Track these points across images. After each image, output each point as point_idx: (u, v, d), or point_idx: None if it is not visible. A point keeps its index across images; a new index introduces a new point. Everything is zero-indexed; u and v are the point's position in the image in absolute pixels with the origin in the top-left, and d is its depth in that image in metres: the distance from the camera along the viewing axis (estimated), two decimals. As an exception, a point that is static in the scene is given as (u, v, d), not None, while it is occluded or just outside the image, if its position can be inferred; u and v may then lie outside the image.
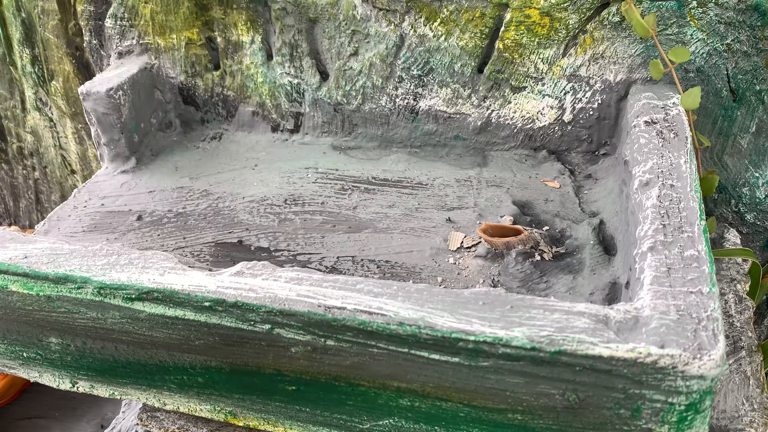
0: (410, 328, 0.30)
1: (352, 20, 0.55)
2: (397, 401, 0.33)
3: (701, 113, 0.50)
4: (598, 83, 0.51)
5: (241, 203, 0.52)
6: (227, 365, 0.36)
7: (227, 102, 0.63)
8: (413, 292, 0.31)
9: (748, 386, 0.42)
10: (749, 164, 0.51)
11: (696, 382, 0.26)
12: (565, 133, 0.54)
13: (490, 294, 0.31)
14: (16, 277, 0.37)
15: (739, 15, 0.45)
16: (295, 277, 0.33)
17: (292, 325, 0.32)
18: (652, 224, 0.34)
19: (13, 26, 0.67)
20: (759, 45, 0.46)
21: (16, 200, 0.94)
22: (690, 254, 0.31)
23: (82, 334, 0.38)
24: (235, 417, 0.38)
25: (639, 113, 0.45)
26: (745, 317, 0.45)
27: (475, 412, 0.31)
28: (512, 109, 0.54)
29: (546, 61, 0.51)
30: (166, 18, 0.60)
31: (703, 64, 0.48)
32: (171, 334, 0.35)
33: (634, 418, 0.28)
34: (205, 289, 0.33)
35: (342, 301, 0.31)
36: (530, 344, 0.28)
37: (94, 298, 0.36)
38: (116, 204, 0.54)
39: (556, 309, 0.29)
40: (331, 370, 0.33)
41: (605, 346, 0.27)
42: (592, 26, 0.49)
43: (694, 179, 0.37)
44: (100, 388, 0.41)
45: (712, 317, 0.28)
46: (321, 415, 0.36)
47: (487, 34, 0.52)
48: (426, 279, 0.43)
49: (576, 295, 0.40)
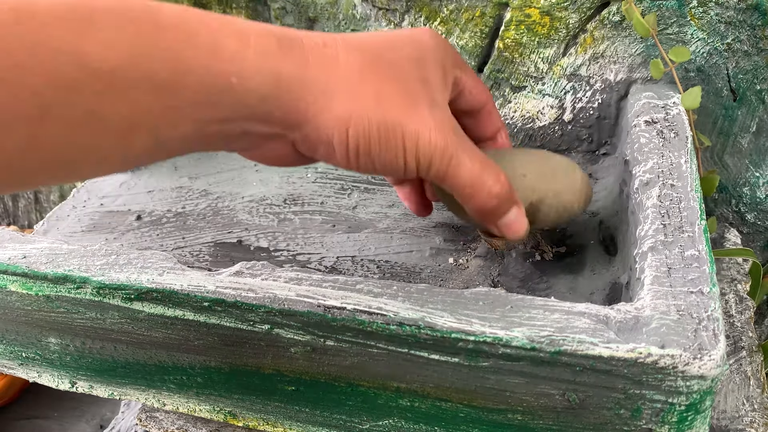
0: (410, 328, 0.29)
1: (351, 19, 0.55)
2: (396, 401, 0.33)
3: (702, 113, 0.50)
4: (599, 83, 0.51)
5: (241, 203, 0.52)
6: (226, 365, 0.36)
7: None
8: (413, 292, 0.31)
9: (749, 386, 0.42)
10: (750, 164, 0.51)
11: (696, 383, 0.26)
12: (566, 132, 0.54)
13: (490, 294, 0.31)
14: (15, 277, 0.37)
15: (740, 14, 0.45)
16: (295, 277, 0.33)
17: (292, 325, 0.32)
18: (652, 224, 0.34)
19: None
20: (759, 44, 0.46)
21: (14, 200, 0.94)
22: (690, 254, 0.31)
23: (81, 334, 0.38)
24: (235, 417, 0.38)
25: (639, 113, 0.45)
26: (746, 317, 0.45)
27: (475, 413, 0.31)
28: (512, 108, 0.54)
29: (546, 61, 0.51)
30: (165, 17, 0.60)
31: (703, 64, 0.48)
32: (170, 334, 0.35)
33: (635, 419, 0.28)
34: (205, 289, 0.33)
35: (342, 302, 0.31)
36: (530, 344, 0.28)
37: (93, 298, 0.36)
38: (115, 204, 0.53)
39: (557, 309, 0.29)
40: (330, 370, 0.33)
41: (605, 347, 0.27)
42: (593, 26, 0.49)
43: (695, 179, 0.37)
44: (99, 388, 0.41)
45: (713, 317, 0.28)
46: (320, 415, 0.36)
47: (487, 34, 0.52)
48: (426, 279, 0.43)
49: (576, 295, 0.40)
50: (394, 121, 0.31)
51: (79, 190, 0.56)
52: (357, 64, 0.31)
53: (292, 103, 0.29)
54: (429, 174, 0.33)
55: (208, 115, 0.27)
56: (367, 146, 0.31)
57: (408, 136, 0.31)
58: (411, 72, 0.33)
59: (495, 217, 0.36)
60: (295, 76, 0.29)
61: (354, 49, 0.32)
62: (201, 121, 0.27)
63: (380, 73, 0.32)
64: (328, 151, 0.31)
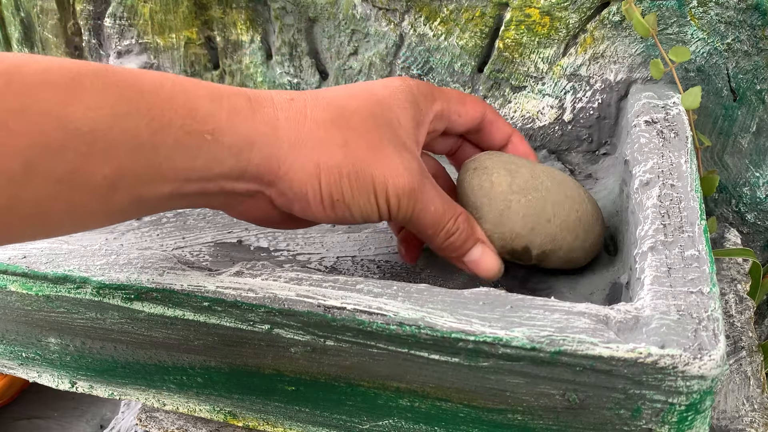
0: (410, 328, 0.29)
1: (351, 19, 0.55)
2: (396, 401, 0.33)
3: (702, 113, 0.50)
4: (599, 83, 0.51)
5: (241, 203, 0.52)
6: (226, 365, 0.36)
7: (227, 101, 0.63)
8: (413, 292, 0.31)
9: (749, 386, 0.42)
10: (750, 164, 0.51)
11: (696, 383, 0.26)
12: (566, 132, 0.54)
13: (490, 294, 0.31)
14: (14, 277, 0.37)
15: (740, 14, 0.45)
16: (295, 277, 0.33)
17: (292, 325, 0.32)
18: (652, 224, 0.34)
19: (12, 26, 0.67)
20: (759, 44, 0.46)
21: (15, 200, 0.94)
22: (690, 254, 0.31)
23: (81, 334, 0.38)
24: (235, 417, 0.38)
25: (639, 113, 0.45)
26: (746, 317, 0.45)
27: (475, 413, 0.31)
28: (512, 108, 0.54)
29: (546, 61, 0.51)
30: (165, 17, 0.60)
31: (703, 64, 0.48)
32: (170, 334, 0.35)
33: (635, 419, 0.28)
34: (205, 289, 0.33)
35: (342, 302, 0.31)
36: (530, 344, 0.28)
37: (93, 298, 0.36)
38: (115, 204, 0.53)
39: (557, 309, 0.29)
40: (330, 370, 0.33)
41: (605, 347, 0.27)
42: (593, 25, 0.49)
43: (695, 179, 0.37)
44: (99, 388, 0.41)
45: (713, 317, 0.28)
46: (320, 415, 0.36)
47: (487, 34, 0.52)
48: (426, 279, 0.43)
49: (576, 295, 0.40)
50: (362, 167, 0.32)
51: (79, 190, 0.56)
52: (323, 116, 0.32)
53: (264, 160, 0.31)
54: (398, 216, 0.34)
55: (185, 173, 0.29)
56: (341, 194, 0.32)
57: (377, 180, 0.32)
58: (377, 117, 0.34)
59: (457, 254, 0.37)
60: (265, 132, 0.30)
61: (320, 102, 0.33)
62: (179, 180, 0.29)
63: (346, 122, 0.33)
64: (303, 205, 0.32)
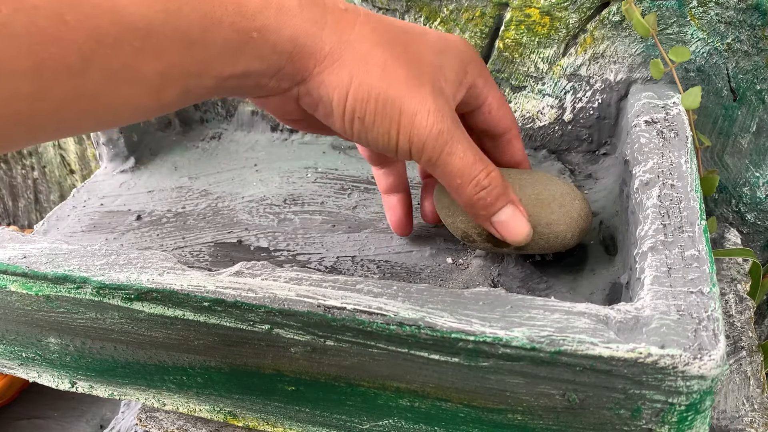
0: (410, 328, 0.29)
1: (351, 19, 0.55)
2: (396, 401, 0.33)
3: (701, 113, 0.50)
4: (599, 83, 0.51)
5: (241, 203, 0.52)
6: (226, 365, 0.36)
7: (226, 101, 0.63)
8: (413, 292, 0.31)
9: (749, 386, 0.42)
10: (750, 164, 0.51)
11: (696, 383, 0.26)
12: (566, 132, 0.54)
13: (490, 294, 0.31)
14: (15, 277, 0.37)
15: (740, 14, 0.45)
16: (295, 277, 0.33)
17: (292, 325, 0.32)
18: (652, 224, 0.34)
19: None
20: (759, 44, 0.46)
21: (14, 200, 0.94)
22: (690, 254, 0.31)
23: (81, 334, 0.38)
24: (235, 417, 0.38)
25: (639, 113, 0.45)
26: (746, 317, 0.45)
27: (475, 413, 0.31)
28: (512, 108, 0.54)
29: (546, 61, 0.51)
30: (165, 17, 0.60)
31: (703, 64, 0.48)
32: (170, 334, 0.35)
33: (635, 419, 0.28)
34: (204, 289, 0.33)
35: (342, 302, 0.31)
36: (530, 344, 0.28)
37: (93, 298, 0.36)
38: (115, 204, 0.53)
39: (557, 309, 0.29)
40: (330, 370, 0.33)
41: (605, 347, 0.27)
42: (593, 25, 0.49)
43: (695, 179, 0.37)
44: (99, 388, 0.41)
45: (713, 317, 0.28)
46: (320, 415, 0.36)
47: (487, 34, 0.52)
48: (426, 279, 0.43)
49: (576, 295, 0.40)
50: (394, 95, 0.31)
51: (79, 190, 0.56)
52: (371, 36, 0.32)
53: (303, 60, 0.30)
54: (420, 158, 0.33)
55: (230, 69, 0.29)
56: (363, 114, 0.31)
57: (405, 113, 0.31)
58: (426, 56, 0.33)
59: (486, 212, 0.35)
60: (310, 33, 0.30)
61: (372, 21, 0.32)
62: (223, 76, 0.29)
63: (392, 48, 0.32)
64: (326, 111, 0.32)
